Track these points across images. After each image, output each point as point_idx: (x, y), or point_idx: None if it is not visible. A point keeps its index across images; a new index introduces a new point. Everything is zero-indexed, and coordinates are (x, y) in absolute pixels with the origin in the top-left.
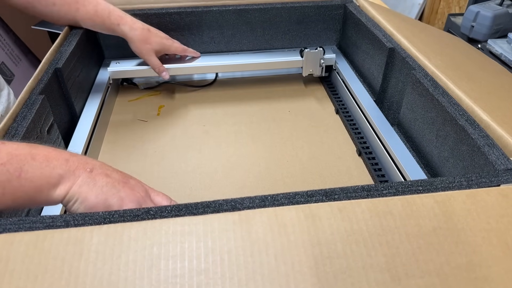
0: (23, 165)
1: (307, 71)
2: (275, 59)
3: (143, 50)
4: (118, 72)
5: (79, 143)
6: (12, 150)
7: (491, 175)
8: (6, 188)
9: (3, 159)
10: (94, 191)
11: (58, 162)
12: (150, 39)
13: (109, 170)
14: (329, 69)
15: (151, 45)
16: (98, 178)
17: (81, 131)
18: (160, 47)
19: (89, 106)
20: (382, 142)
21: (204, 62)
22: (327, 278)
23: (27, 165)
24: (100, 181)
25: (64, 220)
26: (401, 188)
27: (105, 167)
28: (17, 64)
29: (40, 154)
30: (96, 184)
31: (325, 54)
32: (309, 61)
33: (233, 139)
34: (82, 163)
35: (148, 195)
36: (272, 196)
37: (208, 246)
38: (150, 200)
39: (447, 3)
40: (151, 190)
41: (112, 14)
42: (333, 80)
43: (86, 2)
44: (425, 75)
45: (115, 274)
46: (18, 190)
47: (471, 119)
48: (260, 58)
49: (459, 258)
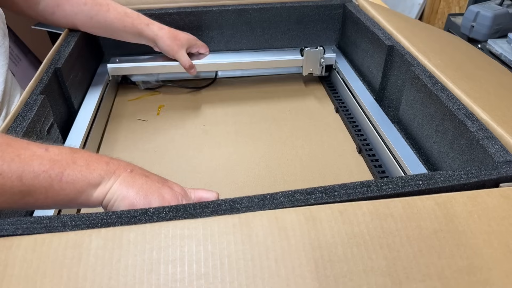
0: (65, 169)
1: (307, 70)
2: (275, 58)
3: (174, 46)
4: (118, 69)
5: (75, 139)
6: (54, 156)
7: (491, 168)
8: (49, 192)
9: (45, 166)
10: (135, 188)
11: (99, 165)
12: (179, 36)
13: (148, 172)
14: (328, 69)
15: (181, 41)
16: (138, 177)
17: (78, 127)
18: (188, 44)
19: (87, 102)
20: (382, 138)
21: (205, 60)
22: (328, 282)
23: (69, 169)
24: (139, 180)
25: (61, 221)
26: (401, 183)
27: (144, 170)
28: (17, 64)
29: (81, 157)
30: (135, 182)
31: (325, 54)
32: (309, 60)
33: (233, 139)
34: (123, 165)
35: (187, 194)
36: (271, 195)
37: (208, 250)
38: (190, 198)
39: (447, 3)
40: (190, 189)
41: (140, 16)
42: (333, 80)
43: (115, 5)
44: (424, 71)
45: (115, 278)
46: (60, 193)
47: (469, 113)
48: (260, 57)
49: (460, 261)
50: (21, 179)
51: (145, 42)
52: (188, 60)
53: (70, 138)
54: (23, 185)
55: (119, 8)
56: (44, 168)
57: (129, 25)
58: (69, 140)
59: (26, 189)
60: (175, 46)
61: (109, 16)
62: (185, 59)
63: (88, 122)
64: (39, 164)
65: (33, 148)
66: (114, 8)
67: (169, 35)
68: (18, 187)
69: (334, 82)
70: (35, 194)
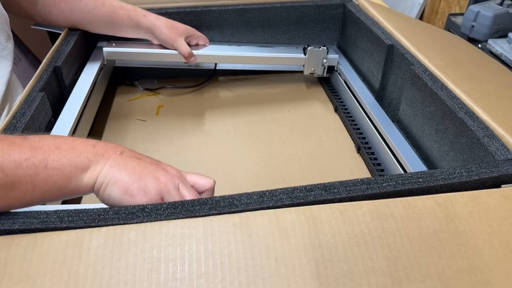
0: (48, 155)
1: (309, 69)
2: (277, 54)
3: (172, 35)
4: (114, 53)
5: (66, 125)
6: (34, 143)
7: (491, 166)
8: (35, 182)
9: (26, 154)
10: (127, 170)
11: (85, 147)
12: (176, 25)
13: (139, 154)
14: (330, 70)
15: (178, 30)
16: (129, 160)
17: (67, 113)
18: (186, 33)
19: (79, 86)
20: (382, 137)
21: (204, 50)
22: (328, 282)
23: (53, 155)
24: (131, 162)
25: (58, 216)
26: (401, 181)
27: (135, 152)
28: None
29: (64, 143)
30: (127, 164)
31: (329, 54)
32: (312, 60)
33: (232, 138)
34: (111, 146)
35: (182, 176)
36: (270, 192)
37: (208, 249)
38: (185, 180)
39: (447, 3)
40: (185, 172)
41: (136, 8)
42: (333, 81)
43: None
44: (424, 70)
45: (115, 277)
46: (47, 181)
47: (470, 112)
48: (262, 52)
49: (461, 261)
50: (3, 170)
51: (142, 35)
52: (187, 48)
53: (59, 122)
54: (6, 176)
55: (115, 2)
56: (25, 156)
57: (125, 18)
58: (58, 124)
59: (10, 180)
60: (172, 34)
61: (105, 10)
62: (184, 47)
63: (79, 108)
64: (20, 152)
65: (11, 139)
66: (110, 2)
67: (166, 24)
68: (1, 178)
69: (334, 82)
70: (21, 186)
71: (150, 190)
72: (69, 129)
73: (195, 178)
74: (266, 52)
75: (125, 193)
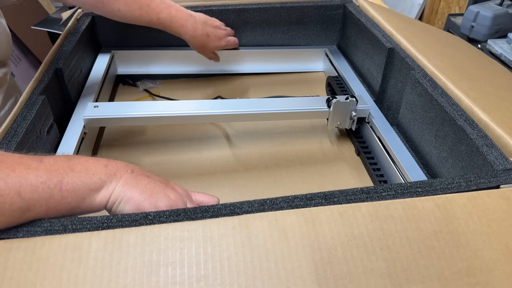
0: (63, 178)
1: (334, 123)
2: (297, 109)
3: (201, 53)
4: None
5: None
6: (49, 166)
7: (490, 176)
8: (49, 204)
9: (42, 177)
10: (138, 188)
11: (97, 168)
12: (208, 45)
13: (148, 172)
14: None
15: (207, 51)
16: (140, 178)
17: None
18: (216, 49)
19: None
20: (381, 142)
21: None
22: (327, 284)
23: (67, 177)
24: (142, 180)
25: (62, 224)
26: (400, 190)
27: (144, 170)
28: (17, 64)
29: (77, 163)
30: (138, 183)
31: (359, 105)
32: (337, 113)
33: (232, 140)
34: (122, 166)
35: (189, 195)
36: (271, 200)
37: (208, 252)
38: (193, 200)
39: (447, 3)
40: (190, 191)
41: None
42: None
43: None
44: (424, 75)
45: (114, 281)
46: (61, 203)
47: (469, 119)
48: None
49: (460, 263)
50: (20, 194)
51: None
52: (212, 57)
53: (67, 134)
54: (23, 200)
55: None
56: (42, 180)
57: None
58: (66, 136)
59: (26, 204)
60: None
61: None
62: (210, 56)
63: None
64: (36, 176)
65: (27, 161)
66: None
67: (198, 45)
68: (17, 203)
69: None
70: (35, 208)
71: (161, 206)
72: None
73: (201, 197)
74: (285, 106)
75: (137, 210)
